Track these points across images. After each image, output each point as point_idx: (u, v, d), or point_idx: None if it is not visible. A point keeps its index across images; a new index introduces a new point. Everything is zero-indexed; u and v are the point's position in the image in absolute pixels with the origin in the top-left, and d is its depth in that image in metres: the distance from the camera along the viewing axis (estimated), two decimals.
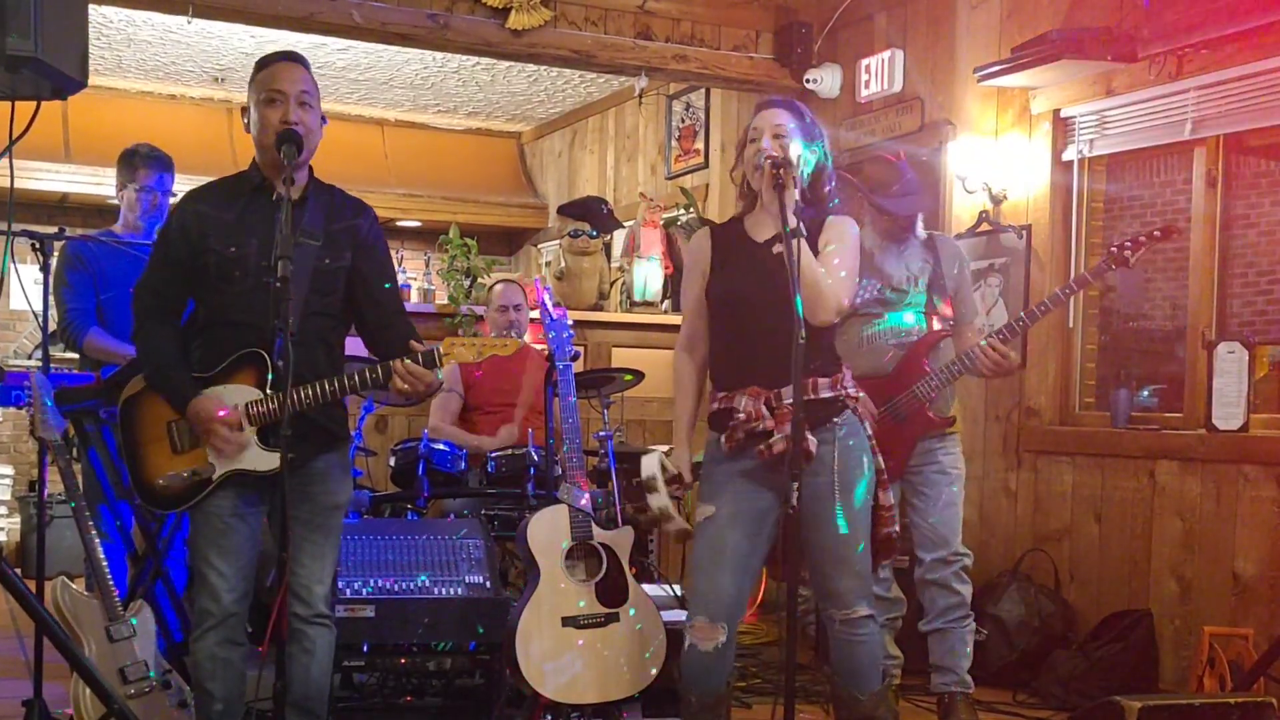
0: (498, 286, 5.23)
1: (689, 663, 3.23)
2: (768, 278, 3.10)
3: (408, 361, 2.92)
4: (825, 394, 3.16)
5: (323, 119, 3.06)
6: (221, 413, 2.93)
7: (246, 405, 2.96)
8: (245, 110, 3.06)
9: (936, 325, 4.02)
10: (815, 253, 3.13)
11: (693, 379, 3.37)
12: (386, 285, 3.14)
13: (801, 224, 3.02)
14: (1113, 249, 3.81)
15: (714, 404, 3.27)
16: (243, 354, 2.97)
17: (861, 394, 3.28)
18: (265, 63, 3.04)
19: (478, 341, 3.04)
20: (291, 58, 3.04)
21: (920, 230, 4.09)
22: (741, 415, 3.14)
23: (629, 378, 4.84)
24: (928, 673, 4.19)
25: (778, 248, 3.12)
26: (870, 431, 3.26)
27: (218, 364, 2.99)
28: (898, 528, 3.33)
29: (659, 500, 3.31)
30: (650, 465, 3.32)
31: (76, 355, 4.49)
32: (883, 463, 3.29)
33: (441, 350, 2.95)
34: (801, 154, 3.16)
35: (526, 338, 5.14)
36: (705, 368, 3.38)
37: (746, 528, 3.20)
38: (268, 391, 2.96)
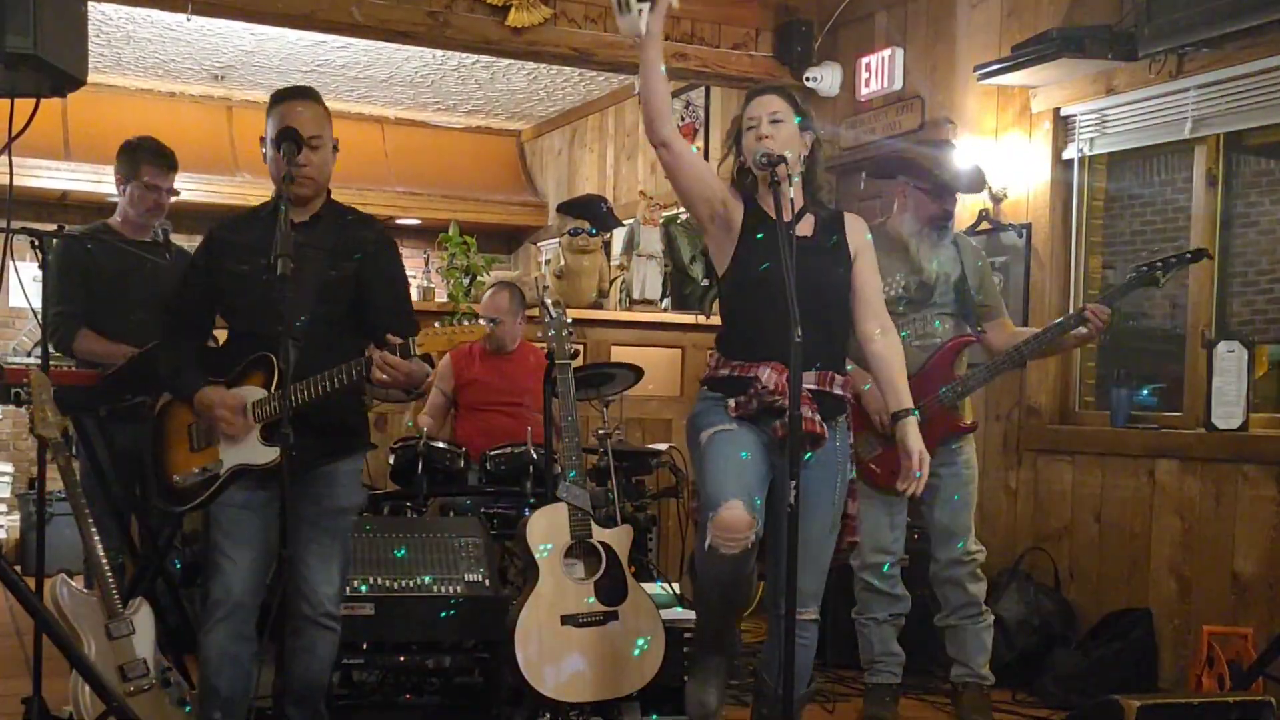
0: (486, 294, 5.24)
1: (710, 567, 3.05)
2: (798, 260, 3.04)
3: (383, 353, 2.99)
4: (837, 391, 3.17)
5: (334, 146, 3.20)
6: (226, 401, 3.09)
7: (252, 405, 3.09)
8: (263, 140, 3.20)
9: (964, 329, 3.99)
10: (830, 246, 3.20)
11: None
12: (390, 292, 3.25)
13: (811, 214, 3.15)
14: (1143, 268, 3.77)
15: (724, 370, 3.18)
16: (253, 358, 3.11)
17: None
18: (276, 99, 3.19)
19: (447, 330, 3.08)
20: (303, 95, 3.19)
21: (950, 225, 4.07)
22: (767, 385, 3.06)
23: (629, 372, 4.83)
24: (929, 670, 4.21)
25: (799, 230, 3.15)
26: (851, 439, 3.30)
27: (233, 369, 3.16)
28: (856, 538, 3.34)
29: (628, 23, 3.10)
30: None
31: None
32: (854, 473, 3.31)
33: (416, 341, 3.03)
34: (797, 141, 3.17)
35: (516, 341, 5.15)
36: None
37: (763, 452, 3.11)
38: (272, 390, 3.08)
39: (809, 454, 3.08)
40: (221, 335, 3.41)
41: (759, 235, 3.20)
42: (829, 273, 3.20)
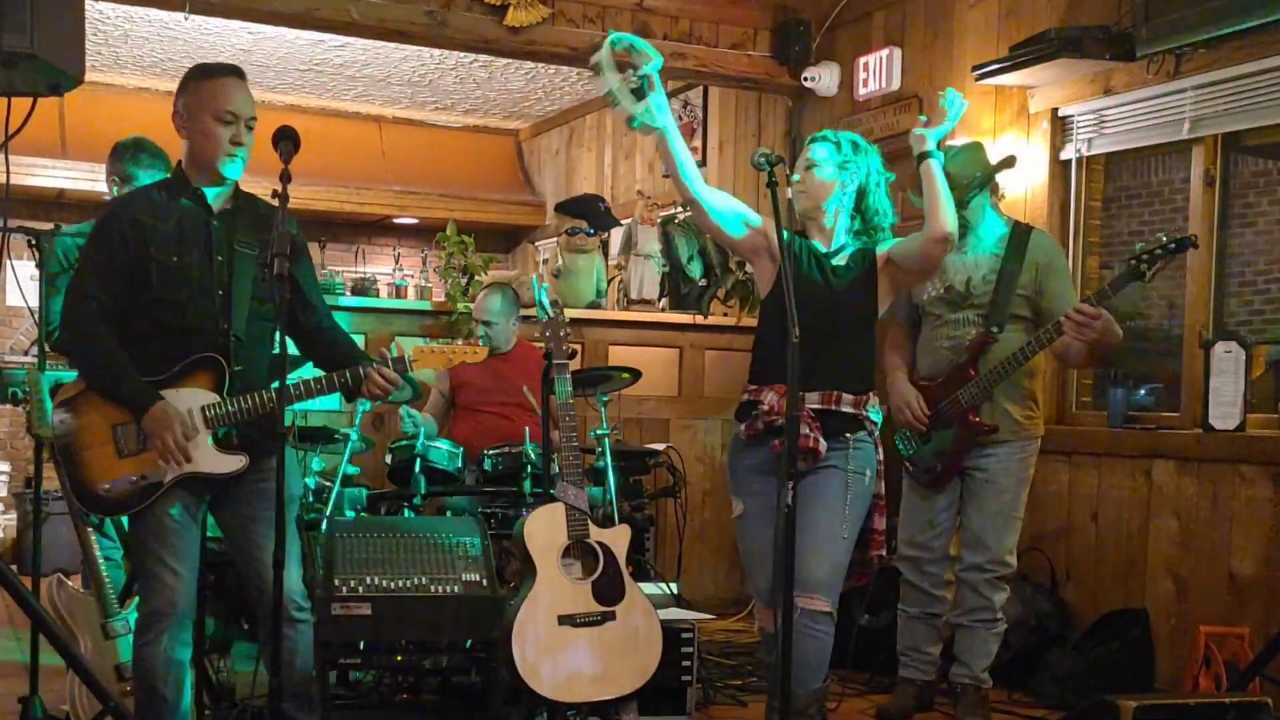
0: (478, 297, 5.24)
1: (765, 641, 3.56)
2: (819, 284, 3.30)
3: (380, 368, 3.01)
4: (846, 409, 3.29)
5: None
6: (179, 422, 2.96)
7: (203, 409, 3.00)
8: (179, 112, 3.07)
9: (1006, 328, 3.99)
10: (858, 274, 3.38)
11: None
12: (317, 292, 3.24)
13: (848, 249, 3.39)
14: (1131, 260, 3.76)
15: (744, 395, 3.42)
16: (197, 358, 3.01)
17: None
18: (213, 73, 3.07)
19: (447, 349, 3.12)
20: (241, 74, 3.10)
21: (1001, 224, 4.07)
22: (764, 407, 3.30)
23: (625, 375, 4.84)
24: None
25: (837, 260, 3.36)
26: (881, 457, 3.37)
27: (168, 368, 3.01)
28: (884, 552, 3.43)
29: (609, 81, 3.30)
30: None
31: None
32: (883, 489, 3.38)
33: (411, 358, 3.05)
34: (832, 186, 3.39)
35: (511, 342, 5.13)
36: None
37: (773, 521, 3.24)
38: (224, 395, 3.01)
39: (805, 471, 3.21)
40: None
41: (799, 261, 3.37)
42: (847, 297, 3.33)
